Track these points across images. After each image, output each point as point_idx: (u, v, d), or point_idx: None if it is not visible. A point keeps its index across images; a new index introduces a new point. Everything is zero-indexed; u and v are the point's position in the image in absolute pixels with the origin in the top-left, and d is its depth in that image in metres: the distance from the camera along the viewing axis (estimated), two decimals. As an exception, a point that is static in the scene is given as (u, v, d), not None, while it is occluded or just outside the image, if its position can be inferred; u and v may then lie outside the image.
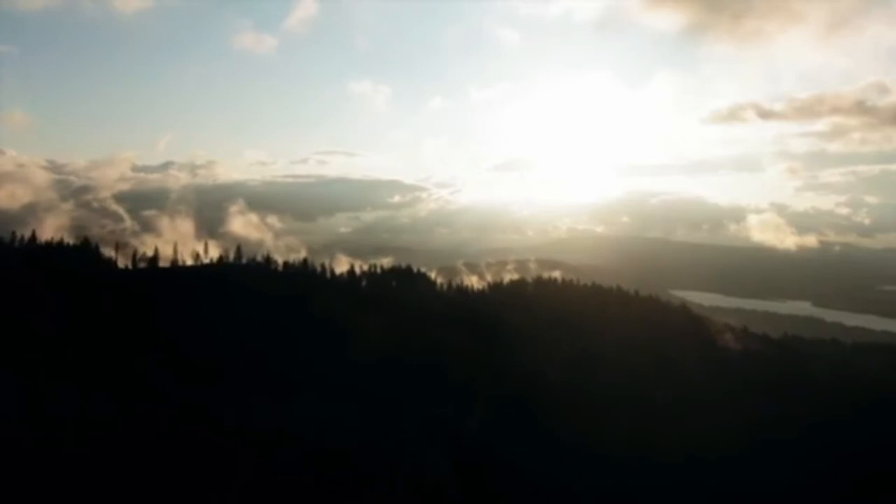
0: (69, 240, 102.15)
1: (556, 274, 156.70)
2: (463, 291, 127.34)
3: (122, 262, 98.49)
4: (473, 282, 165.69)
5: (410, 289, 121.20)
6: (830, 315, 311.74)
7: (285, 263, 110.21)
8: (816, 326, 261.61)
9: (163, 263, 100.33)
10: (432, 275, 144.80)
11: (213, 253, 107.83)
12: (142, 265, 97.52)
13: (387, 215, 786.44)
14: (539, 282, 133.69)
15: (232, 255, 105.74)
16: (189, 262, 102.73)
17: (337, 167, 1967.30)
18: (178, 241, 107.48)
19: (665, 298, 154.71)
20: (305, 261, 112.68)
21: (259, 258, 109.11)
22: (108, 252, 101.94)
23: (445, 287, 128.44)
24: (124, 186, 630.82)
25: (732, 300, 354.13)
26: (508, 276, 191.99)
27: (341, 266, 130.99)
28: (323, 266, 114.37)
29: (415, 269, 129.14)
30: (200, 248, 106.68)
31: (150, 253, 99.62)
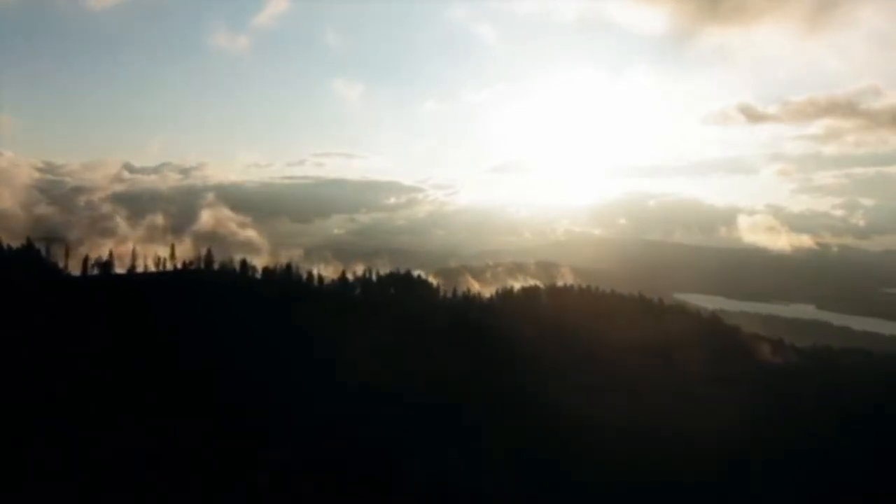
0: (12, 243, 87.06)
1: (565, 276, 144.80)
2: (468, 300, 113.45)
3: (72, 268, 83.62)
4: (475, 286, 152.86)
5: (409, 296, 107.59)
6: (837, 318, 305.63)
7: (265, 269, 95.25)
8: (823, 330, 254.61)
9: (121, 269, 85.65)
10: (432, 280, 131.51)
11: (189, 256, 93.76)
12: (95, 271, 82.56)
13: (383, 217, 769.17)
14: (553, 290, 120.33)
15: (203, 260, 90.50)
16: (151, 267, 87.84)
17: (334, 169, 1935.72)
18: (166, 244, 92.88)
19: (691, 308, 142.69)
20: (289, 266, 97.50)
21: (235, 263, 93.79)
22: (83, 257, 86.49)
23: (449, 295, 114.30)
24: (119, 187, 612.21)
25: (734, 303, 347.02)
26: (510, 280, 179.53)
27: (333, 270, 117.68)
28: (310, 272, 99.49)
29: (414, 275, 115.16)
30: (169, 252, 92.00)
31: (126, 257, 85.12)
